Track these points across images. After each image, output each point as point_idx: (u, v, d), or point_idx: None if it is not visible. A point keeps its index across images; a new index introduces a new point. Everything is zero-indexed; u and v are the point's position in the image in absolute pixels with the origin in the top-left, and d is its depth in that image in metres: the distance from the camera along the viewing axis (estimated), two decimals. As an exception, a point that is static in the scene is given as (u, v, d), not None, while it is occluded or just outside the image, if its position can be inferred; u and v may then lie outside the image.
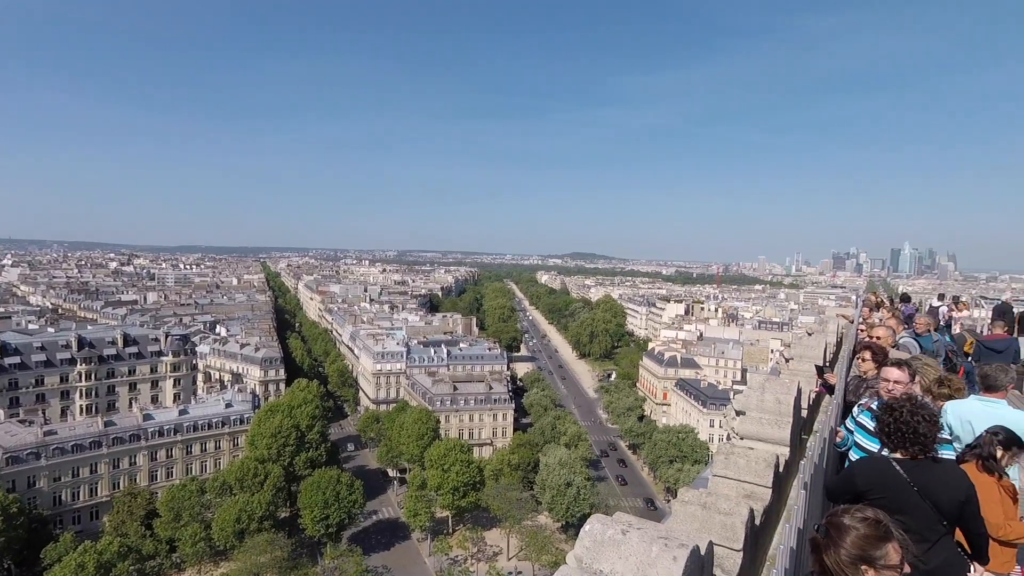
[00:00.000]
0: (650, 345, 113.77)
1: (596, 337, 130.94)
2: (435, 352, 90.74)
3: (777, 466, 4.51)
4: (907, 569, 1.84)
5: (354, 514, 52.78)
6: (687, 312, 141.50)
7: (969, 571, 3.35)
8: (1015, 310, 14.83)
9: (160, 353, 76.46)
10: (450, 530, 57.60)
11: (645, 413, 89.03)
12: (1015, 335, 13.34)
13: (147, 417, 59.35)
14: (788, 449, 5.17)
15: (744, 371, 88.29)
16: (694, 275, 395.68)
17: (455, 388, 78.47)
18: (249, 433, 60.11)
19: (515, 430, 76.95)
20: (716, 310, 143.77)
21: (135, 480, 55.92)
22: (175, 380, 77.26)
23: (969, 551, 3.38)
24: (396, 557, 54.30)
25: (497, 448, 73.32)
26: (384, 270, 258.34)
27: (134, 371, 74.14)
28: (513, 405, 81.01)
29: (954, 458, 3.80)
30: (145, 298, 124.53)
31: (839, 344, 11.78)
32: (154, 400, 73.48)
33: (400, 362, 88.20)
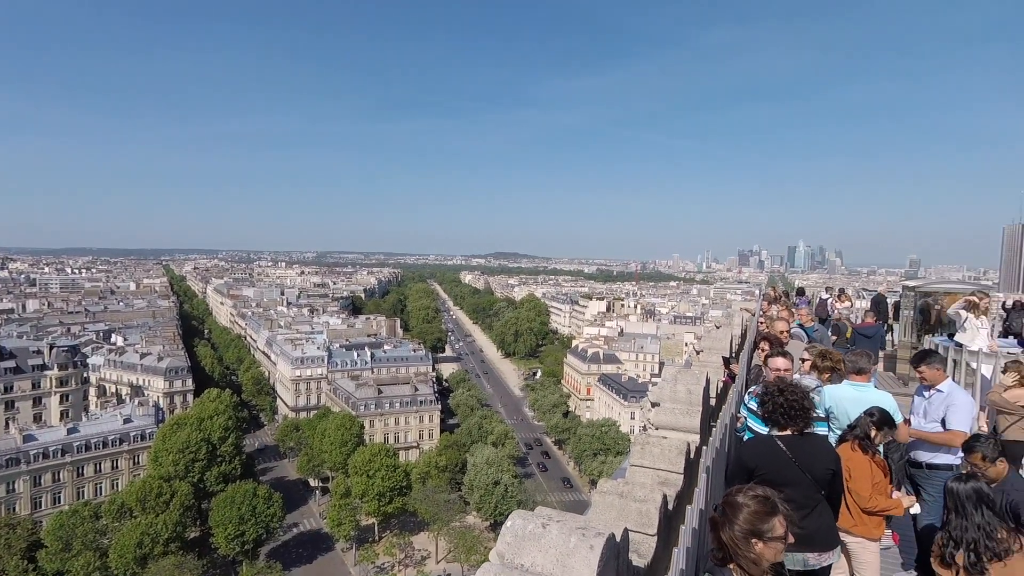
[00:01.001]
0: (574, 342, 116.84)
1: (521, 336, 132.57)
2: (358, 355, 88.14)
3: (688, 453, 4.79)
4: (790, 539, 2.03)
5: (273, 528, 50.15)
6: (608, 309, 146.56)
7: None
8: (888, 300, 16.69)
9: (43, 367, 68.81)
10: (376, 537, 56.19)
11: (570, 409, 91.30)
12: (884, 322, 15.04)
13: (28, 438, 53.14)
14: (698, 436, 5.50)
15: (662, 364, 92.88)
16: (615, 273, 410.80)
17: (379, 391, 76.62)
18: (152, 450, 55.43)
19: (442, 431, 76.32)
20: (635, 306, 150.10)
21: (14, 509, 49.96)
22: (62, 396, 69.88)
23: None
24: (319, 569, 52.23)
25: (424, 451, 72.44)
26: (303, 272, 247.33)
27: (11, 388, 66.24)
28: (439, 406, 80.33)
29: (826, 434, 4.27)
30: (24, 306, 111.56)
31: (743, 336, 12.69)
32: (37, 419, 65.91)
33: (321, 367, 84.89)
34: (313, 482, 66.22)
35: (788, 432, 3.73)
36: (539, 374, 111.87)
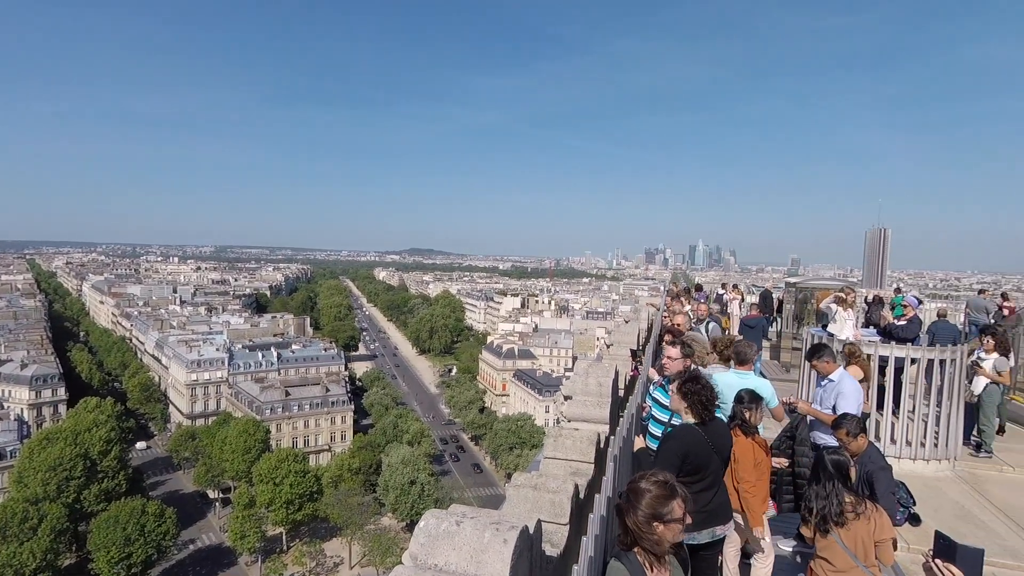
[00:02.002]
0: (489, 339, 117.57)
1: (436, 333, 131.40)
2: (263, 356, 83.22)
3: (598, 443, 4.99)
4: (688, 520, 2.18)
5: (165, 547, 46.11)
6: (523, 305, 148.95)
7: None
8: (774, 295, 18.34)
9: None
10: (284, 547, 53.46)
11: (486, 405, 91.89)
12: (768, 315, 16.54)
13: None
14: (608, 427, 5.74)
15: (575, 359, 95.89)
16: (529, 269, 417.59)
17: (287, 394, 72.85)
18: (15, 469, 49.07)
19: (356, 432, 74.01)
20: (549, 302, 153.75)
21: None
22: None
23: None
24: (220, 587, 48.90)
25: (336, 453, 69.84)
26: (199, 268, 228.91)
27: None
28: (352, 407, 77.80)
29: (725, 420, 4.63)
30: None
31: (649, 329, 13.40)
32: None
33: (221, 369, 79.24)
34: (212, 494, 61.72)
35: (700, 419, 4.02)
36: (455, 371, 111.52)
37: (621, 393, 7.38)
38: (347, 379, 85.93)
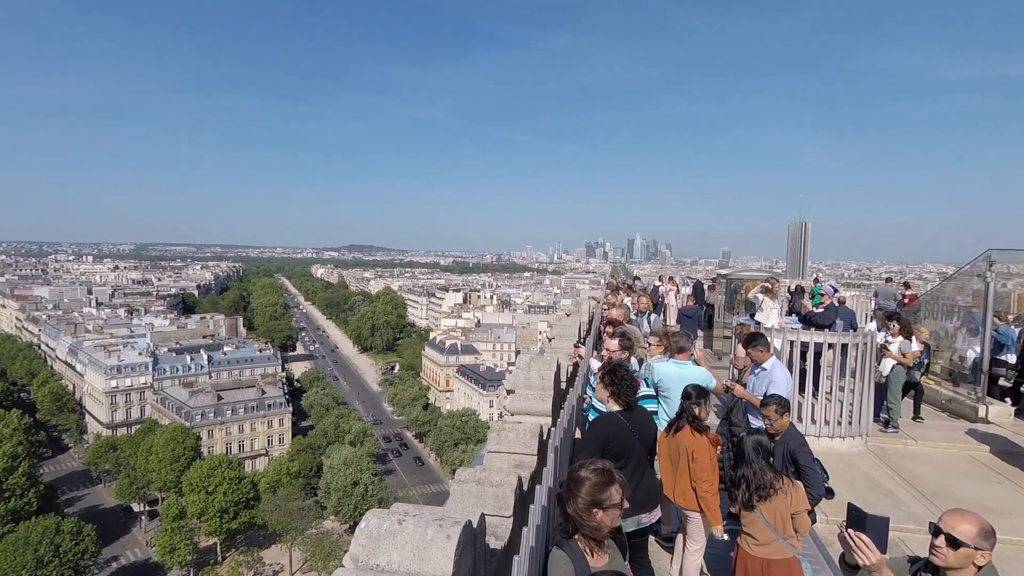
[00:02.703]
0: (431, 334, 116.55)
1: (378, 330, 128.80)
2: (192, 359, 78.79)
3: (541, 435, 5.06)
4: (625, 505, 2.26)
5: (83, 567, 42.89)
6: (465, 300, 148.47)
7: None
8: (705, 286, 19.22)
9: None
10: (219, 558, 51.01)
11: (430, 401, 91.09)
12: (702, 305, 17.33)
13: None
14: (550, 419, 5.83)
15: (518, 353, 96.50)
16: (471, 264, 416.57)
17: (219, 398, 69.36)
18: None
19: (295, 435, 71.53)
20: (491, 297, 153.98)
21: None
22: None
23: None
24: (148, 605, 46.07)
25: (274, 458, 67.23)
26: (117, 267, 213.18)
27: None
28: (291, 409, 75.09)
29: (655, 410, 4.80)
30: None
31: (591, 322, 13.70)
32: None
33: (144, 375, 74.34)
34: (137, 507, 57.92)
35: (623, 407, 4.13)
36: (397, 368, 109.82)
37: (563, 386, 7.51)
38: (284, 380, 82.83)
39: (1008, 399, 10.32)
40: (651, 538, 5.47)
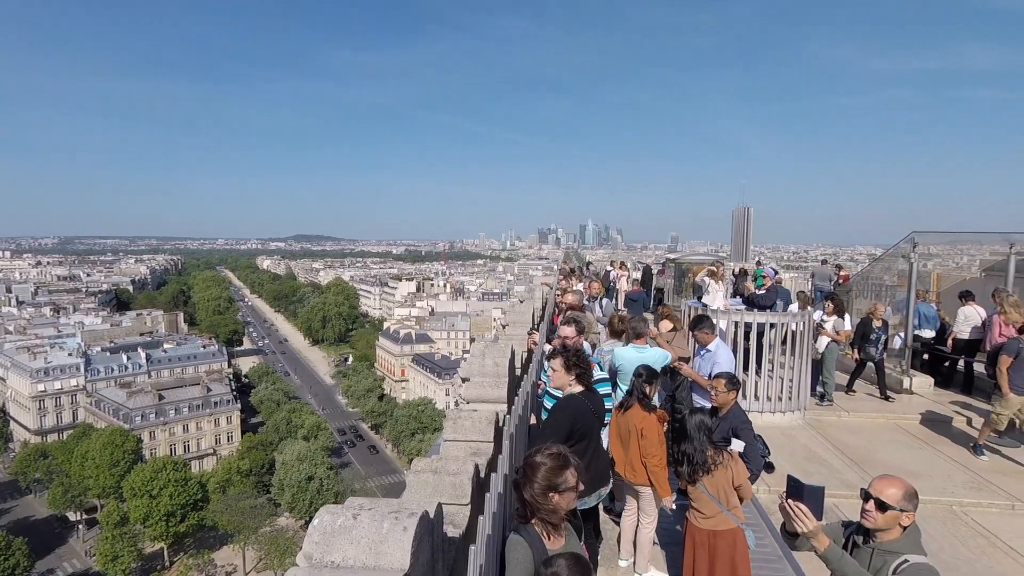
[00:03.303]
0: (385, 324, 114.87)
1: (329, 321, 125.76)
2: (129, 358, 74.72)
3: (497, 422, 5.09)
4: (581, 487, 2.31)
5: (15, 582, 40.41)
6: (419, 289, 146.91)
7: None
8: (652, 271, 19.75)
9: None
10: (166, 564, 49.03)
11: (385, 392, 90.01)
12: (648, 289, 17.83)
13: None
14: (506, 406, 5.87)
15: (472, 340, 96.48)
16: (423, 253, 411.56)
17: (161, 397, 66.19)
18: None
19: (244, 432, 69.21)
20: (445, 285, 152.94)
21: None
22: None
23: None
24: (90, 617, 43.87)
25: (223, 456, 64.95)
26: (39, 263, 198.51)
27: None
28: (239, 405, 72.56)
29: (609, 393, 4.91)
30: None
31: (544, 308, 13.83)
32: None
33: (75, 377, 70.00)
34: (74, 516, 54.79)
35: (586, 387, 4.24)
36: (351, 359, 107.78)
37: (518, 373, 7.56)
38: (231, 376, 79.82)
39: (931, 372, 11.13)
40: (605, 516, 5.63)
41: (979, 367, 10.30)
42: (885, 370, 10.13)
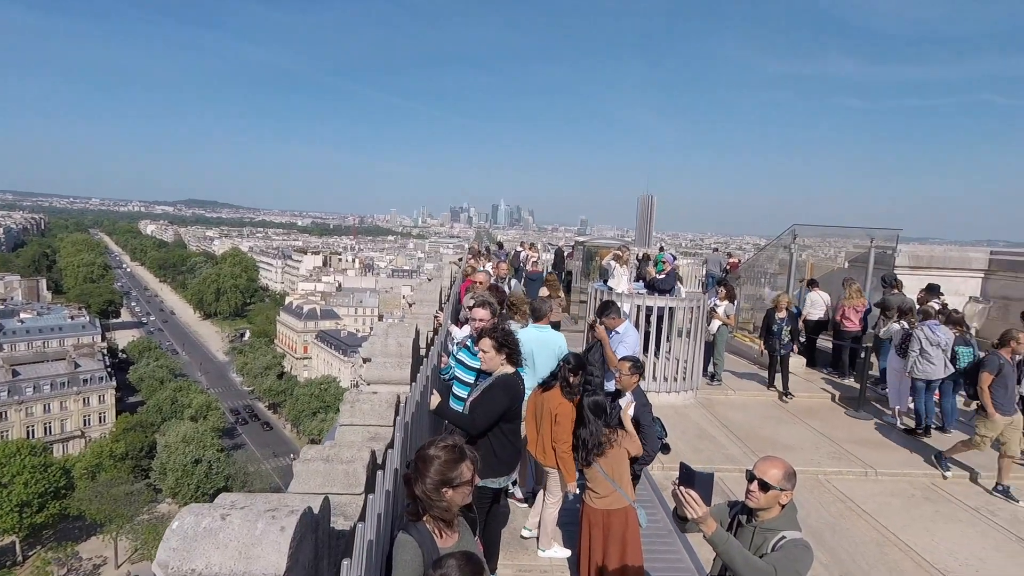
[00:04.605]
0: (287, 299, 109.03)
1: (224, 294, 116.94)
2: (-27, 330, 65.09)
3: (398, 405, 4.85)
4: (477, 480, 2.16)
5: None
6: (325, 264, 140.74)
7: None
8: (564, 253, 20.13)
9: None
10: (19, 559, 43.85)
11: (285, 370, 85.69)
12: (559, 271, 18.16)
13: None
14: (409, 387, 5.63)
15: (381, 318, 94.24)
16: (331, 226, 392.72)
17: (15, 374, 58.49)
18: None
19: (120, 412, 63.02)
20: (353, 260, 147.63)
21: None
22: None
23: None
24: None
25: (93, 439, 58.82)
26: None
27: None
28: (114, 383, 65.90)
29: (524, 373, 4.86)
30: None
31: (452, 286, 13.59)
32: None
33: (-98, 350, 59.93)
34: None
35: (517, 365, 4.21)
36: (248, 335, 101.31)
37: (423, 352, 7.32)
38: (105, 352, 72.15)
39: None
40: (509, 500, 5.61)
41: (825, 343, 11.83)
42: (789, 366, 9.91)
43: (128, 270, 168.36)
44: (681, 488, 2.64)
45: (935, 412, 8.54)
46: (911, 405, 8.80)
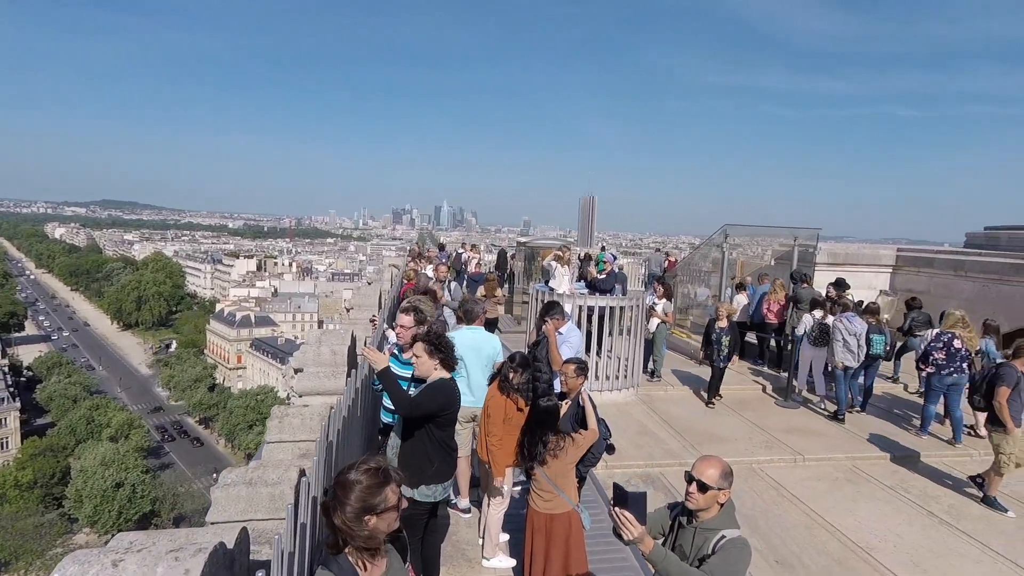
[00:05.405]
0: (218, 306, 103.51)
1: (146, 303, 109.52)
2: None
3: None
4: (403, 504, 1.99)
5: None
6: (260, 268, 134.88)
7: None
8: (507, 254, 20.12)
9: None
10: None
11: (217, 381, 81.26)
12: (502, 272, 18.13)
13: None
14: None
15: (321, 324, 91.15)
16: (265, 229, 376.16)
17: (-101, 399, 52.30)
18: None
19: (26, 436, 57.69)
20: (291, 264, 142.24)
21: None
22: None
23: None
24: None
25: (-5, 467, 53.52)
26: None
27: None
28: (18, 404, 60.40)
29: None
30: None
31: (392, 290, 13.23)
32: None
33: None
34: None
35: (451, 369, 4.04)
36: (174, 346, 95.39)
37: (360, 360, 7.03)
38: (7, 369, 65.93)
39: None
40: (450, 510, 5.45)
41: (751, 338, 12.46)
42: (723, 376, 9.60)
43: (33, 278, 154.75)
44: (616, 510, 2.62)
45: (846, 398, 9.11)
46: (819, 392, 9.62)
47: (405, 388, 4.11)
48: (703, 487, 2.69)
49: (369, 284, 12.59)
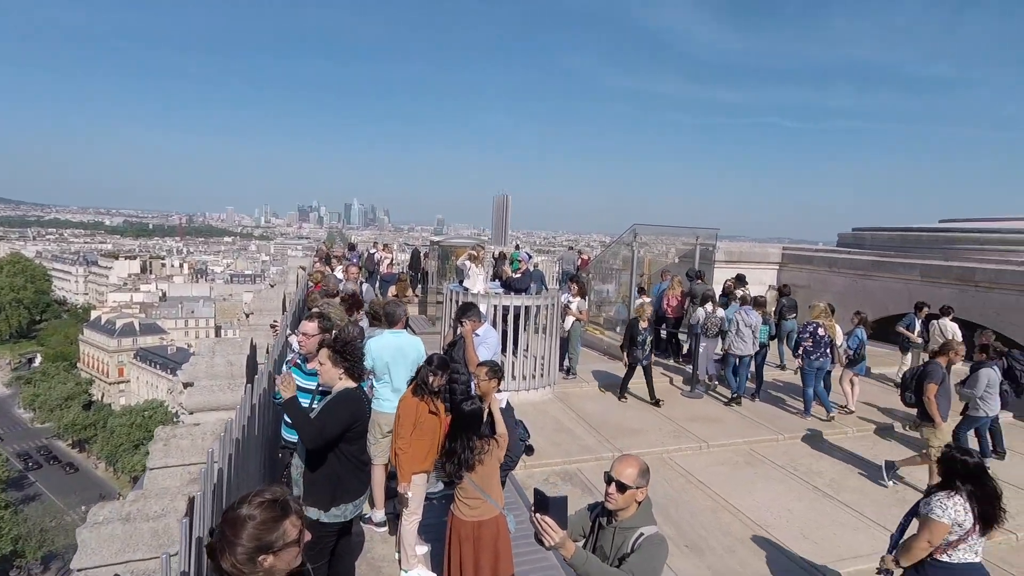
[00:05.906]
0: (94, 314, 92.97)
1: (2, 311, 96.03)
2: None
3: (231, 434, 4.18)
4: (307, 537, 1.76)
5: None
6: (144, 270, 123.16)
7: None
8: (421, 253, 19.73)
9: None
10: None
11: (94, 398, 72.98)
12: (416, 271, 17.77)
13: None
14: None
15: (218, 329, 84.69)
16: (150, 226, 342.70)
17: None
18: None
19: None
20: (181, 265, 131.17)
21: None
22: None
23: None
24: None
25: None
26: None
27: None
28: None
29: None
30: None
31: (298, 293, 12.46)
32: None
33: None
34: None
35: (358, 379, 3.86)
36: (39, 360, 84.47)
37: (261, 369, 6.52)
38: None
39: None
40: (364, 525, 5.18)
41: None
42: (652, 372, 9.85)
43: None
44: (537, 516, 2.57)
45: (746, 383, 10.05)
46: (710, 372, 10.46)
47: (308, 401, 3.82)
48: (622, 487, 2.71)
49: (272, 287, 11.77)
